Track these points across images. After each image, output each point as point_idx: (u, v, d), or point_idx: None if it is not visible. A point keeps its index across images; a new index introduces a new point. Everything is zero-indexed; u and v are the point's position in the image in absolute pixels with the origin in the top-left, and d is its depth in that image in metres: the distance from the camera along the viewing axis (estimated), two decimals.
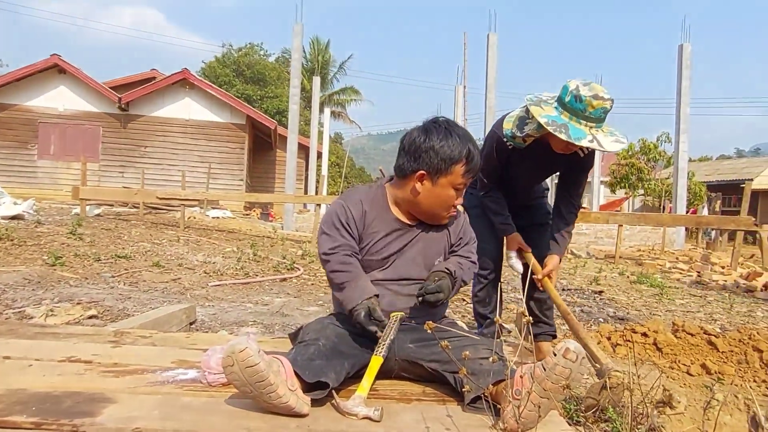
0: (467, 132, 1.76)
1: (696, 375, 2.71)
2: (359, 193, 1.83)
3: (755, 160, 34.06)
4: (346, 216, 1.73)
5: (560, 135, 2.15)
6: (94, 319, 3.29)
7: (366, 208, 1.77)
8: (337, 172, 29.13)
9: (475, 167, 1.73)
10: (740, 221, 8.29)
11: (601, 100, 2.13)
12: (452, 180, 1.71)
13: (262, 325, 3.48)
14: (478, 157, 1.72)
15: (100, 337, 2.13)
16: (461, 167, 1.70)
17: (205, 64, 31.94)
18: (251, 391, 1.33)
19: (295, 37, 13.15)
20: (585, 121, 2.15)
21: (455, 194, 1.75)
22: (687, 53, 12.63)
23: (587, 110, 2.13)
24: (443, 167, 1.69)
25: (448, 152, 1.68)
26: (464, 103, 20.20)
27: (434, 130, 1.72)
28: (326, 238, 1.73)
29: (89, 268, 5.22)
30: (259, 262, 6.52)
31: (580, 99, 2.13)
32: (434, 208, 1.76)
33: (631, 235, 13.57)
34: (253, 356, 1.29)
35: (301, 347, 1.56)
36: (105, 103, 16.39)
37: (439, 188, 1.72)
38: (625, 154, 22.59)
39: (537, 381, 1.31)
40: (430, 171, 1.70)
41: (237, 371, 1.30)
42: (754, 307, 5.36)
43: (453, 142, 1.69)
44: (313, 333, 1.63)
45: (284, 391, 1.33)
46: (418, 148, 1.71)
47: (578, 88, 2.15)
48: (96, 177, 16.02)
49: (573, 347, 1.29)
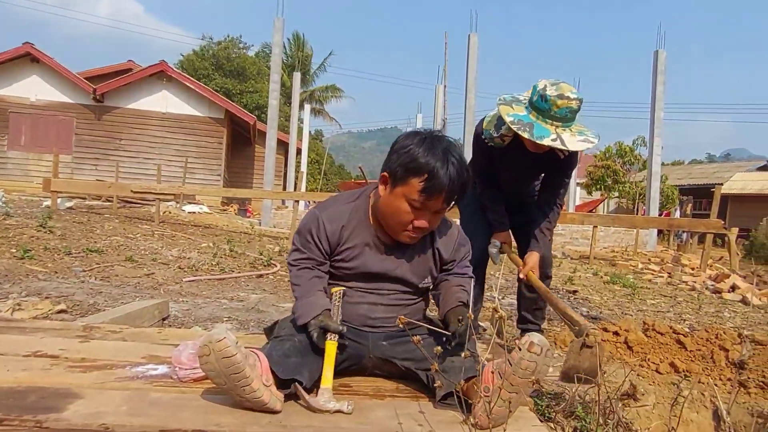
0: (456, 156, 1.54)
1: (665, 373, 2.77)
2: (339, 204, 1.71)
3: (725, 165, 35.02)
4: (317, 230, 1.65)
5: (524, 134, 2.20)
6: (64, 313, 3.22)
7: (344, 222, 1.66)
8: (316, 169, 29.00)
9: (436, 189, 1.51)
10: (710, 224, 8.50)
11: (567, 100, 2.16)
12: (406, 192, 1.53)
13: (236, 321, 3.45)
14: (446, 181, 1.50)
15: (68, 331, 2.08)
16: (418, 182, 1.51)
17: (184, 57, 31.43)
18: (225, 383, 1.31)
19: (276, 32, 13.03)
20: (551, 120, 2.19)
21: (410, 211, 1.55)
22: (662, 59, 12.88)
23: (552, 110, 2.18)
24: (400, 173, 1.53)
25: (412, 160, 1.52)
26: (444, 102, 20.28)
27: (419, 136, 1.58)
28: (294, 250, 1.69)
29: (59, 262, 5.10)
30: (236, 258, 6.45)
31: (546, 99, 2.18)
32: (388, 218, 1.61)
33: (605, 236, 13.81)
34: (230, 347, 1.27)
35: (277, 342, 1.55)
36: (79, 93, 16.02)
37: (394, 197, 1.56)
38: (601, 156, 23.01)
39: (505, 377, 1.31)
40: (390, 174, 1.57)
41: (213, 361, 1.28)
42: (722, 308, 5.51)
43: (424, 152, 1.51)
44: (288, 329, 1.61)
45: (258, 385, 1.31)
46: (393, 148, 1.60)
47: (545, 87, 2.20)
48: (69, 169, 15.66)
49: (537, 340, 1.30)
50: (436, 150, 1.52)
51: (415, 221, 1.58)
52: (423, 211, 1.56)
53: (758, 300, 6.04)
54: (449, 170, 1.51)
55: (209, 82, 25.90)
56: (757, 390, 2.60)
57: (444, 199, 1.55)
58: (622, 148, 22.86)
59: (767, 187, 26.78)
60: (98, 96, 15.80)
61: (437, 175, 1.50)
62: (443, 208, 1.60)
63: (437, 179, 1.50)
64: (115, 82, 16.09)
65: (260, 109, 26.35)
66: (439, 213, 1.60)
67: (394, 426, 1.33)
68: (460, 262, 1.78)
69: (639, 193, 20.80)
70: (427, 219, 1.58)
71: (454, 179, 1.52)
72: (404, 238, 1.64)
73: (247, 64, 30.94)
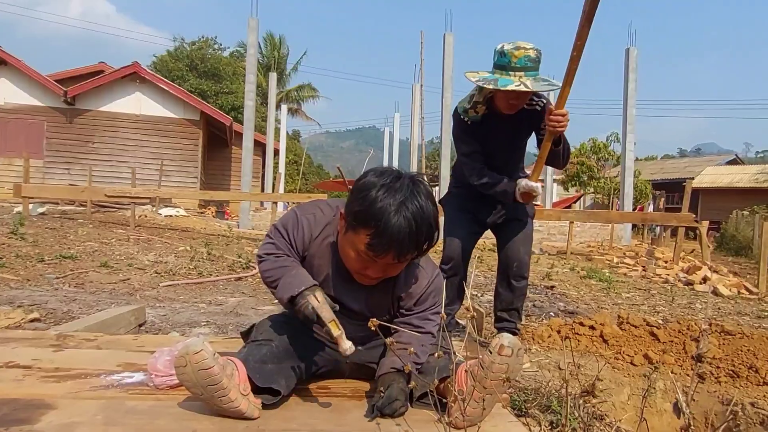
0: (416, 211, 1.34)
1: (639, 365, 2.84)
2: (318, 211, 1.59)
3: (696, 160, 35.95)
4: (295, 228, 1.56)
5: (488, 86, 2.34)
6: (37, 322, 3.14)
7: (315, 233, 1.56)
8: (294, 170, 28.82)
9: (382, 247, 1.34)
10: (682, 218, 8.71)
11: (524, 50, 2.32)
12: (354, 241, 1.39)
13: (215, 326, 3.41)
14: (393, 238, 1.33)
15: (41, 341, 2.04)
16: (365, 234, 1.35)
17: (157, 58, 30.93)
18: (202, 394, 1.30)
19: (251, 32, 12.91)
20: (513, 72, 2.32)
21: (358, 260, 1.42)
22: (633, 56, 13.14)
23: (512, 61, 2.32)
24: (350, 220, 1.39)
25: (363, 208, 1.35)
26: (421, 101, 20.35)
27: (382, 179, 1.38)
28: (268, 242, 1.59)
29: (32, 269, 4.98)
30: (214, 262, 6.38)
31: (504, 53, 2.34)
32: (341, 257, 1.50)
33: (582, 231, 14.03)
34: (207, 359, 1.27)
35: (254, 347, 1.53)
36: (50, 96, 15.64)
37: (345, 241, 1.44)
38: (576, 153, 23.36)
39: (477, 380, 1.32)
40: (345, 216, 1.43)
41: (189, 372, 1.27)
42: (694, 299, 5.65)
43: (380, 201, 1.33)
44: (266, 333, 1.58)
45: (236, 395, 1.31)
46: (356, 184, 1.43)
47: (503, 46, 2.36)
48: (40, 174, 15.29)
49: (507, 343, 1.30)
50: (390, 199, 1.34)
51: (366, 270, 1.45)
52: (372, 262, 1.41)
53: (728, 290, 6.21)
54: (400, 224, 1.32)
55: (184, 84, 25.53)
56: (727, 379, 2.68)
57: (395, 255, 1.37)
58: (596, 145, 23.25)
59: (736, 180, 27.56)
60: (69, 98, 15.46)
61: (384, 232, 1.33)
62: (398, 263, 1.42)
63: (384, 236, 1.33)
64: (86, 84, 15.75)
65: (236, 109, 26.09)
66: (394, 266, 1.44)
67: (371, 426, 1.34)
68: (421, 312, 1.60)
69: (614, 189, 21.17)
70: (378, 269, 1.44)
71: (404, 238, 1.33)
72: (359, 279, 1.51)
73: (222, 64, 30.59)
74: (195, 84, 27.80)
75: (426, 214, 1.37)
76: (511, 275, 2.77)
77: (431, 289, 1.60)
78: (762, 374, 2.62)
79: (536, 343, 3.10)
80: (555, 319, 3.58)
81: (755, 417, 2.25)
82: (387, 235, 1.33)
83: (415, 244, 1.37)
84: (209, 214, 16.06)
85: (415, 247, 1.38)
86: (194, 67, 29.71)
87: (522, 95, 2.40)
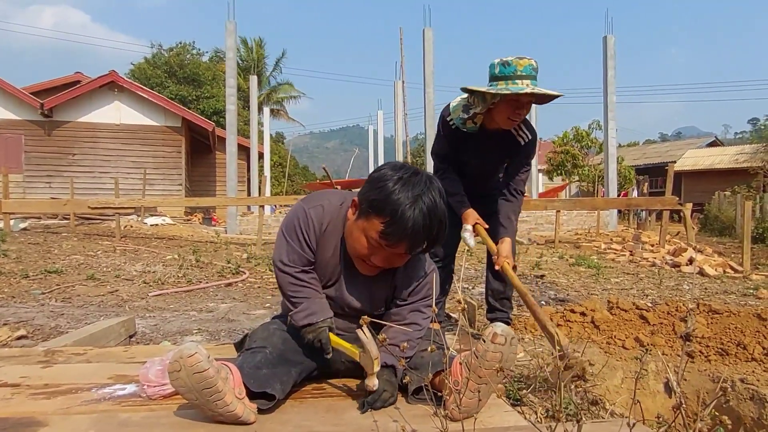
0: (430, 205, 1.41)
1: (631, 348, 2.87)
2: (325, 201, 1.61)
3: (677, 144, 36.39)
4: (307, 224, 1.57)
5: (504, 91, 2.31)
6: (24, 339, 3.10)
7: (326, 224, 1.59)
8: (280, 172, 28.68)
9: (395, 236, 1.40)
10: (665, 201, 8.81)
11: (526, 59, 2.33)
12: (366, 227, 1.44)
13: (207, 333, 3.39)
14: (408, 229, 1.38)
15: (29, 358, 2.01)
16: (380, 222, 1.41)
17: (135, 66, 30.56)
18: (197, 399, 1.28)
19: (229, 36, 12.80)
20: (520, 80, 2.32)
21: (367, 246, 1.46)
22: (611, 44, 13.25)
23: (518, 69, 2.31)
24: (365, 207, 1.45)
25: (379, 197, 1.41)
26: (404, 98, 20.35)
27: (399, 173, 1.45)
28: (284, 245, 1.58)
29: (16, 286, 4.90)
30: (203, 268, 6.33)
31: (508, 63, 2.33)
32: (348, 245, 1.54)
33: (568, 219, 14.14)
34: (202, 362, 1.25)
35: (248, 354, 1.52)
36: (26, 109, 15.40)
37: (356, 227, 1.48)
38: (559, 142, 23.53)
39: (472, 369, 1.33)
40: (358, 203, 1.49)
41: (184, 377, 1.26)
42: (681, 281, 5.73)
43: (397, 192, 1.40)
44: (260, 341, 1.58)
45: (231, 399, 1.29)
46: (371, 175, 1.50)
47: (502, 58, 2.36)
48: (20, 189, 15.05)
49: (500, 331, 1.33)
50: (407, 192, 1.40)
51: (371, 257, 1.49)
52: (380, 250, 1.46)
53: (714, 270, 6.30)
54: (415, 217, 1.38)
55: (163, 90, 25.26)
56: (716, 357, 2.72)
57: (406, 247, 1.44)
58: (578, 133, 23.43)
59: (717, 162, 27.96)
60: (46, 111, 15.22)
61: (399, 221, 1.38)
62: (406, 255, 1.48)
63: (398, 225, 1.39)
64: (63, 96, 15.51)
65: (218, 114, 25.88)
66: (401, 256, 1.49)
67: (369, 424, 1.34)
68: (413, 303, 1.63)
69: (598, 176, 21.37)
70: (384, 258, 1.49)
71: (418, 229, 1.39)
72: (361, 267, 1.57)
73: (201, 69, 30.32)
74: (175, 90, 27.53)
75: (440, 210, 1.43)
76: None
77: (426, 281, 1.62)
78: (750, 350, 2.66)
79: (529, 332, 3.12)
80: (546, 308, 3.61)
81: (745, 393, 2.28)
82: (402, 226, 1.38)
83: (427, 238, 1.43)
84: (196, 221, 15.92)
85: (426, 240, 1.44)
86: (173, 74, 29.41)
87: (528, 105, 2.41)
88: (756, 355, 2.63)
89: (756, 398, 2.26)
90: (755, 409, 2.25)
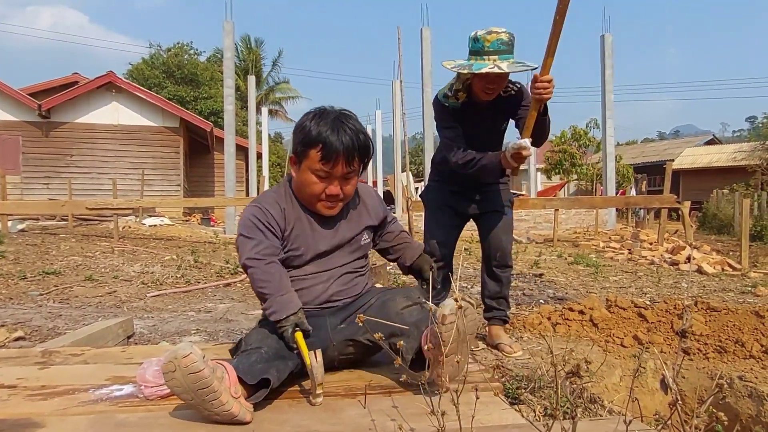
0: (348, 123, 1.67)
1: (629, 346, 2.87)
2: (269, 193, 1.82)
3: (675, 142, 36.42)
4: (265, 217, 1.69)
5: (463, 71, 2.36)
6: (21, 340, 3.09)
7: (283, 205, 1.75)
8: (278, 172, 28.67)
9: (332, 155, 1.63)
10: (664, 199, 8.82)
11: (495, 33, 2.33)
12: (310, 164, 1.66)
13: (205, 333, 3.38)
14: (339, 146, 1.62)
15: (26, 359, 2.00)
16: (316, 152, 1.63)
17: (132, 66, 30.49)
18: (192, 399, 1.29)
19: (227, 36, 12.79)
20: (487, 56, 2.33)
21: (318, 181, 1.67)
22: (608, 43, 13.26)
23: (485, 46, 2.33)
24: (299, 149, 1.68)
25: (306, 134, 1.65)
26: (402, 97, 20.34)
27: (311, 113, 1.71)
28: (247, 241, 1.67)
29: (14, 287, 4.89)
30: (201, 269, 6.32)
31: (477, 38, 2.35)
32: (303, 194, 1.74)
33: (567, 218, 14.16)
34: (197, 362, 1.26)
35: (243, 356, 1.54)
36: (24, 111, 15.35)
37: (302, 172, 1.69)
38: (557, 141, 23.53)
39: (436, 347, 1.39)
40: (295, 154, 1.71)
41: (179, 377, 1.26)
42: (679, 279, 5.73)
43: (315, 125, 1.64)
44: (255, 342, 1.61)
45: (227, 398, 1.30)
46: (294, 129, 1.72)
47: (476, 32, 2.38)
48: (18, 190, 15.01)
49: (447, 311, 1.39)
50: (325, 120, 1.65)
51: (326, 190, 1.68)
52: (330, 179, 1.67)
53: (712, 268, 6.31)
54: (340, 136, 1.62)
55: (161, 91, 25.21)
56: (714, 354, 2.72)
57: (344, 162, 1.65)
58: (576, 132, 23.42)
59: (715, 160, 27.98)
60: (44, 112, 15.17)
61: (329, 142, 1.61)
62: (350, 172, 1.69)
63: (330, 145, 1.61)
64: (61, 97, 15.47)
65: (216, 114, 25.84)
66: (348, 179, 1.71)
67: (366, 423, 1.33)
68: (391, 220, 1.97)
69: (596, 174, 21.38)
70: (336, 186, 1.69)
71: (348, 143, 1.63)
72: (322, 209, 1.74)
73: (199, 69, 30.25)
74: (173, 91, 27.48)
75: (358, 126, 1.69)
76: (494, 265, 2.78)
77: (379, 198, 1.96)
78: (748, 348, 2.66)
79: (527, 330, 3.12)
80: (545, 306, 3.61)
81: (743, 390, 2.28)
82: (332, 144, 1.61)
83: (356, 149, 1.65)
84: (194, 221, 15.90)
85: (360, 151, 1.67)
86: (171, 74, 29.36)
87: (498, 79, 2.40)
88: (754, 352, 2.63)
89: (754, 395, 2.26)
90: (753, 406, 2.25)
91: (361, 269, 1.88)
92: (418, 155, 30.39)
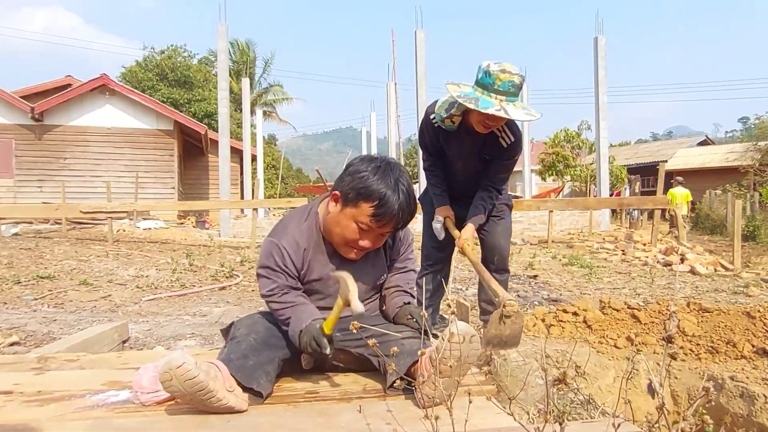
0: (405, 186, 1.64)
1: (623, 347, 2.89)
2: (292, 226, 1.76)
3: (668, 143, 36.61)
4: (282, 258, 1.69)
5: (469, 105, 2.31)
6: (16, 346, 3.09)
7: (304, 245, 1.73)
8: (273, 175, 28.65)
9: (386, 216, 1.61)
10: (657, 200, 8.88)
11: (509, 74, 2.28)
12: (356, 214, 1.63)
13: (200, 337, 3.39)
14: (395, 209, 1.61)
15: (21, 364, 2.00)
16: (369, 207, 1.61)
17: (126, 69, 30.39)
18: (191, 399, 1.38)
19: (220, 38, 12.78)
20: (495, 94, 2.29)
21: (357, 231, 1.66)
22: (602, 45, 13.34)
23: (496, 83, 2.29)
24: (352, 196, 1.62)
25: (365, 186, 1.61)
26: (396, 99, 20.38)
27: (374, 163, 1.66)
28: (265, 281, 1.71)
29: (8, 292, 4.87)
30: (196, 272, 6.32)
31: (489, 74, 2.30)
32: (334, 235, 1.70)
33: (561, 219, 14.21)
34: (191, 370, 1.34)
35: (234, 344, 1.63)
36: (16, 113, 15.26)
37: (343, 216, 1.65)
38: (551, 143, 23.63)
39: (434, 365, 1.41)
40: (342, 195, 1.65)
41: (177, 384, 1.35)
42: (673, 280, 5.77)
43: (378, 180, 1.61)
44: (244, 328, 1.70)
45: (224, 394, 1.40)
46: (348, 170, 1.68)
47: (489, 65, 2.32)
48: (11, 194, 14.93)
49: (457, 330, 1.39)
50: (388, 179, 1.62)
51: (360, 241, 1.68)
52: (369, 233, 1.67)
53: (705, 269, 6.36)
54: (399, 199, 1.61)
55: (155, 93, 25.15)
56: (706, 355, 2.75)
57: (393, 225, 1.66)
58: (569, 134, 23.52)
59: (708, 161, 28.15)
60: (37, 115, 15.09)
61: (387, 203, 1.60)
62: (388, 233, 1.71)
63: (387, 207, 1.60)
64: (54, 100, 15.39)
65: (210, 116, 25.80)
66: (384, 236, 1.72)
67: (361, 427, 1.35)
68: (402, 254, 1.90)
69: (590, 176, 21.47)
70: (371, 240, 1.69)
71: (404, 208, 1.63)
72: (346, 253, 1.74)
73: (192, 72, 30.19)
74: (166, 93, 27.41)
75: (412, 192, 1.68)
76: (492, 269, 2.79)
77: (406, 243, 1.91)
78: (739, 348, 2.69)
79: (522, 333, 3.13)
80: (539, 308, 3.63)
81: (735, 390, 2.31)
82: (390, 207, 1.60)
83: (408, 216, 1.67)
84: (189, 224, 15.85)
85: (407, 217, 1.67)
86: (164, 77, 29.29)
87: (499, 119, 2.41)
88: (745, 352, 2.66)
89: (746, 395, 2.29)
90: (745, 406, 2.28)
91: (372, 300, 1.90)
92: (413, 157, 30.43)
